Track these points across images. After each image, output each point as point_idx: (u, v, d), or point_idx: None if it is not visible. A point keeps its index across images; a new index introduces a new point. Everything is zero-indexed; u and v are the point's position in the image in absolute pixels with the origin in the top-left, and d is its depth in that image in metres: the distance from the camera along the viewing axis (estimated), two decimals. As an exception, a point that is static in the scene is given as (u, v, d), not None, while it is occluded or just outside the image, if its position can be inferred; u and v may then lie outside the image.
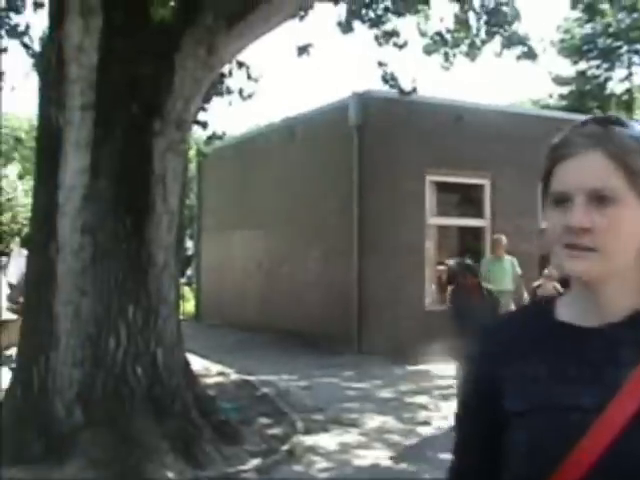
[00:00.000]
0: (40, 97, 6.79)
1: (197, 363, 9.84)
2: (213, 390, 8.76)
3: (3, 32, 10.46)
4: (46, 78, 6.70)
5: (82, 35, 6.34)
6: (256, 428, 7.42)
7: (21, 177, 18.27)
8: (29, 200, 17.31)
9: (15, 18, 10.64)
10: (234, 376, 10.59)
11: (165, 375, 6.38)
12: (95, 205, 6.10)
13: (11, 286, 12.59)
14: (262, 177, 15.59)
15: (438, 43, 10.79)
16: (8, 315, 12.32)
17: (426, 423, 7.95)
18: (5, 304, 12.37)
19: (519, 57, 10.57)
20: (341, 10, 10.47)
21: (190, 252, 21.77)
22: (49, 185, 6.19)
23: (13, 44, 10.33)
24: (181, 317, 8.27)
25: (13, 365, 11.76)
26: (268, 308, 15.16)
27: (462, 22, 10.52)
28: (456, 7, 10.50)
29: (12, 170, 18.36)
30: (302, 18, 9.67)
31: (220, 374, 10.72)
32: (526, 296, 10.26)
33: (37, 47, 10.79)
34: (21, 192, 17.35)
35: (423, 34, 10.85)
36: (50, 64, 6.53)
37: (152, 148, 6.30)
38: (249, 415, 7.88)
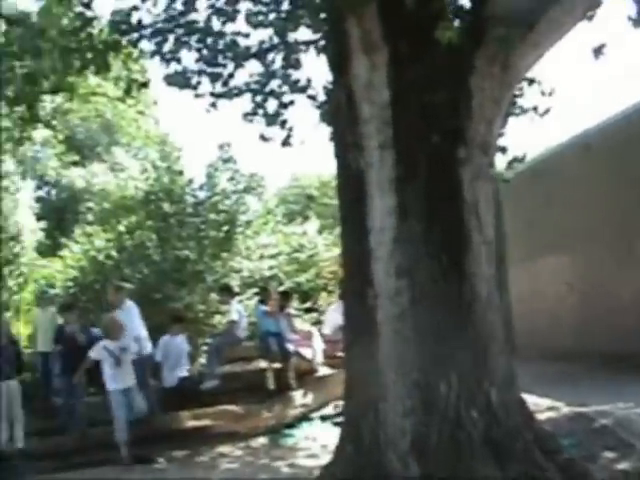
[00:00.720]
0: (335, 143, 6.94)
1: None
2: (546, 426, 8.31)
3: (285, 88, 11.09)
4: (338, 123, 6.84)
5: (369, 72, 6.39)
6: (602, 464, 6.94)
7: (320, 232, 19.07)
8: (331, 254, 18.05)
9: (295, 74, 11.24)
10: (565, 409, 10.05)
11: (502, 415, 6.09)
12: (407, 246, 6.04)
13: (327, 341, 13.04)
14: (561, 197, 15.01)
15: None
16: (326, 370, 12.79)
17: None
18: (322, 359, 12.85)
19: None
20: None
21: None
22: (357, 231, 6.25)
23: (298, 100, 10.80)
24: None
25: (336, 420, 12.17)
26: (584, 334, 14.45)
27: None
28: None
29: (311, 226, 19.25)
30: (591, 18, 9.11)
31: (550, 409, 10.21)
32: None
33: (322, 97, 11.31)
34: (322, 247, 18.06)
35: None
36: (340, 108, 6.65)
37: (460, 177, 6.16)
38: (591, 450, 7.41)
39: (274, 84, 10.96)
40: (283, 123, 10.22)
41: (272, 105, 11.03)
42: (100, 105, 26.05)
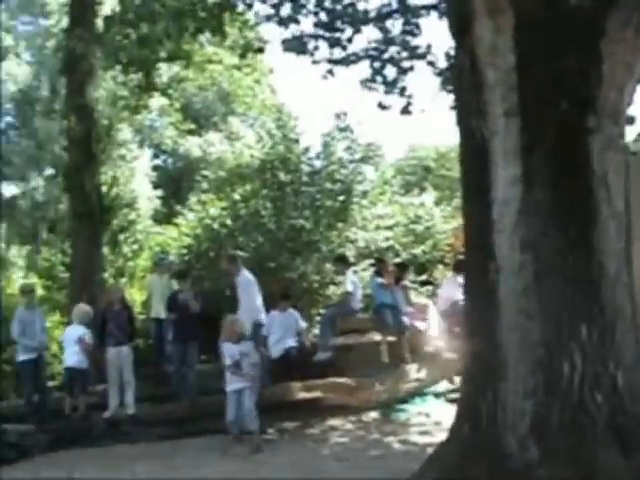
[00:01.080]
0: (457, 111, 6.78)
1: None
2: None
3: (404, 54, 10.93)
4: (461, 89, 6.67)
5: (494, 36, 6.18)
6: None
7: (437, 204, 18.81)
8: (448, 226, 17.81)
9: (414, 40, 11.06)
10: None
11: (627, 400, 5.83)
12: (531, 218, 5.84)
13: (443, 315, 12.91)
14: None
15: None
16: (441, 345, 12.66)
17: None
18: (437, 334, 12.72)
19: None
20: None
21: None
22: (480, 202, 6.10)
23: (417, 67, 10.61)
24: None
25: (450, 397, 12.07)
26: None
27: None
28: None
29: (428, 198, 19.02)
30: None
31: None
32: None
33: (442, 64, 11.12)
34: (439, 219, 17.82)
35: None
36: (463, 73, 6.48)
37: (589, 147, 5.89)
38: None
39: (393, 50, 10.85)
40: (402, 90, 10.11)
41: (391, 72, 10.94)
42: (216, 73, 26.37)
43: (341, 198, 15.80)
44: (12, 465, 9.82)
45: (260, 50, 11.44)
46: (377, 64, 10.57)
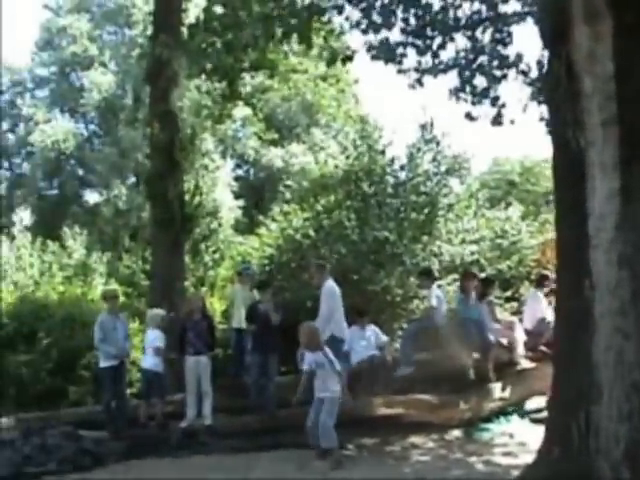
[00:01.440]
0: (551, 121, 6.66)
1: None
2: None
3: (495, 63, 10.77)
4: (555, 98, 6.52)
5: (592, 43, 6.05)
6: None
7: (523, 219, 18.50)
8: (535, 242, 17.48)
9: (504, 49, 10.90)
10: None
11: None
12: (629, 233, 5.68)
13: (528, 333, 12.65)
14: None
15: None
16: (526, 364, 12.39)
17: None
18: (522, 352, 12.46)
19: None
20: None
21: None
22: (575, 216, 5.95)
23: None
24: None
25: (535, 417, 11.80)
26: None
27: None
28: None
29: (514, 212, 18.71)
30: None
31: None
32: None
33: (534, 74, 10.93)
34: (526, 234, 17.50)
35: None
36: (559, 81, 6.34)
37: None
38: None
39: (482, 60, 10.71)
40: (494, 100, 9.94)
41: (480, 82, 10.80)
42: (300, 84, 26.55)
43: (426, 210, 15.66)
44: (87, 472, 9.95)
45: (349, 58, 11.34)
46: (466, 73, 10.44)
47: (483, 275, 14.47)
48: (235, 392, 12.10)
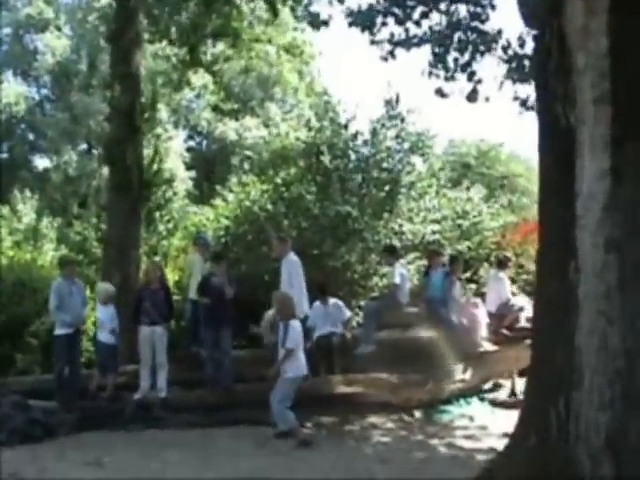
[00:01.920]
0: (539, 96, 6.48)
1: None
2: None
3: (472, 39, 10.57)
4: (545, 73, 6.33)
5: (586, 18, 5.85)
6: None
7: (485, 200, 18.45)
8: (496, 224, 17.42)
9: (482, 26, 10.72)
10: None
11: None
12: (618, 215, 5.52)
13: (491, 315, 12.57)
14: None
15: None
16: (488, 346, 12.32)
17: None
18: (485, 334, 12.38)
19: None
20: None
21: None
22: (562, 195, 5.78)
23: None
24: None
25: (495, 400, 11.79)
26: None
27: None
28: None
29: (476, 193, 18.64)
30: None
31: None
32: None
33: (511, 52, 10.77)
34: (486, 215, 17.44)
35: None
36: (550, 56, 6.15)
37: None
38: None
39: (459, 35, 10.52)
40: (471, 75, 9.75)
41: (454, 58, 10.62)
42: (263, 54, 26.01)
43: (387, 188, 15.46)
44: (37, 443, 9.66)
45: (325, 23, 10.99)
46: (441, 49, 10.22)
47: (448, 252, 14.41)
48: (190, 365, 11.86)
